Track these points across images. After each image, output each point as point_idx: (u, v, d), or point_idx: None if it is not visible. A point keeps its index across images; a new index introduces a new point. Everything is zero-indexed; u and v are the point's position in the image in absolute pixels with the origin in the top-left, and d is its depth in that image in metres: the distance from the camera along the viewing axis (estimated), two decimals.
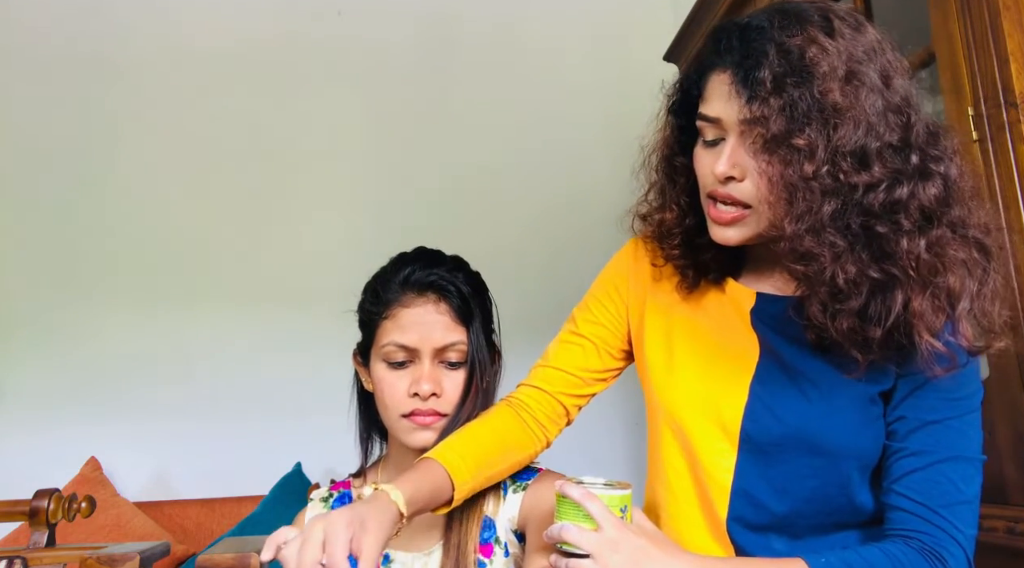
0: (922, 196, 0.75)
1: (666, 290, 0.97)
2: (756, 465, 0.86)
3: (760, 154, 0.77)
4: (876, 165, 0.74)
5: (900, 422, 0.83)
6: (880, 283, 0.76)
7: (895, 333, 0.77)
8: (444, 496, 0.87)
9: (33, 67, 2.70)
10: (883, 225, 0.74)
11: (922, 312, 0.75)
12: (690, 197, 0.90)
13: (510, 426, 0.97)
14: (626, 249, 1.04)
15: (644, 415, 1.01)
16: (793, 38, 0.75)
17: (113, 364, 2.54)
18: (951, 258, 0.76)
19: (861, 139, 0.73)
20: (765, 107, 0.75)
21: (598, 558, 0.74)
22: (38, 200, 2.64)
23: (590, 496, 0.77)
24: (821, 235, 0.74)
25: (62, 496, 1.27)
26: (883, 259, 0.75)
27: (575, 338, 1.02)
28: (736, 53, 0.78)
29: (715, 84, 0.81)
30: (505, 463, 0.95)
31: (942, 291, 0.76)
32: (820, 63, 0.74)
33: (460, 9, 2.84)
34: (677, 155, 0.91)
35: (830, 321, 0.78)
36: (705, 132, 0.83)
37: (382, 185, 2.74)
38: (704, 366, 0.91)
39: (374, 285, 1.05)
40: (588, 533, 0.76)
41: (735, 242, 0.84)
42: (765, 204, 0.78)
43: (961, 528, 0.79)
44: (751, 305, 0.90)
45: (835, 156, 0.73)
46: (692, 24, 2.10)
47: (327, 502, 1.08)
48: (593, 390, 1.04)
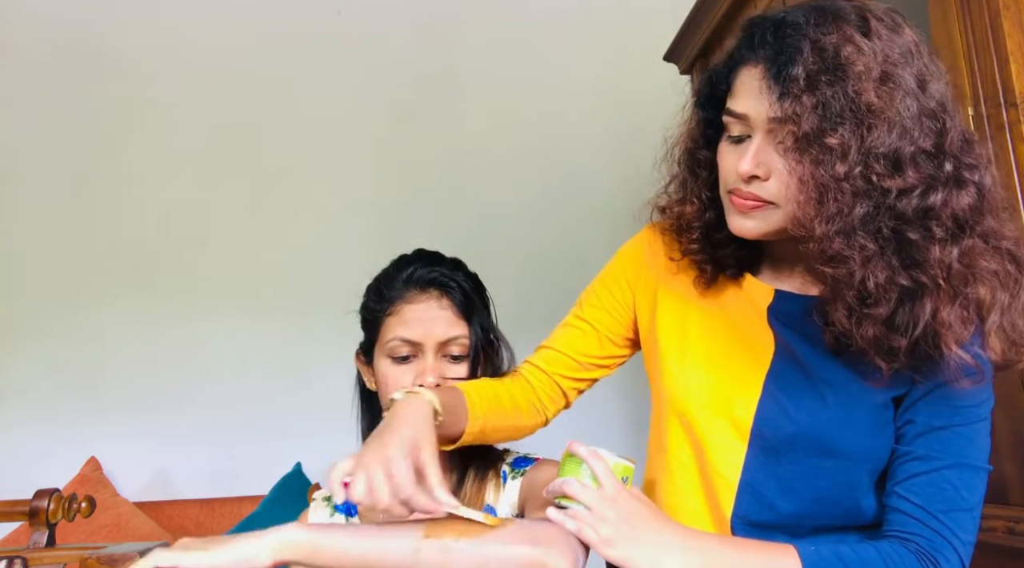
0: (955, 204, 0.74)
1: (683, 283, 0.96)
2: (765, 463, 0.86)
3: (790, 153, 0.75)
4: (910, 170, 0.72)
5: (909, 426, 0.82)
6: (909, 291, 0.74)
7: (921, 343, 0.76)
8: (460, 424, 0.88)
9: (33, 67, 2.70)
10: (915, 232, 0.73)
11: (950, 323, 0.74)
12: (711, 192, 0.89)
13: (517, 392, 0.99)
14: (641, 237, 1.03)
15: (642, 410, 1.01)
16: (828, 36, 0.74)
17: (113, 364, 2.55)
18: (982, 269, 0.75)
19: (895, 142, 0.72)
20: (797, 105, 0.73)
21: (595, 510, 0.76)
22: (38, 200, 2.64)
23: (596, 455, 0.80)
24: (851, 238, 0.73)
25: (62, 496, 1.27)
26: (913, 266, 0.74)
27: (578, 322, 1.03)
28: (770, 48, 0.77)
29: (745, 79, 0.80)
30: (511, 421, 0.97)
31: (971, 302, 0.75)
32: (855, 62, 0.72)
33: (460, 9, 2.84)
34: (701, 149, 0.90)
35: (855, 327, 0.77)
36: (731, 128, 0.82)
37: (382, 184, 2.74)
38: (717, 360, 0.91)
39: (377, 285, 1.07)
40: (589, 488, 0.78)
41: (753, 235, 0.83)
42: (793, 203, 0.77)
43: (959, 535, 0.78)
44: (768, 302, 0.89)
45: (868, 158, 0.72)
46: (692, 24, 2.10)
47: (329, 502, 1.08)
48: (592, 375, 1.04)
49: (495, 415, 0.93)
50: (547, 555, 0.74)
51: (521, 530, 0.77)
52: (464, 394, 0.91)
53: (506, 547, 0.74)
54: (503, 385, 0.98)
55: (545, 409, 1.02)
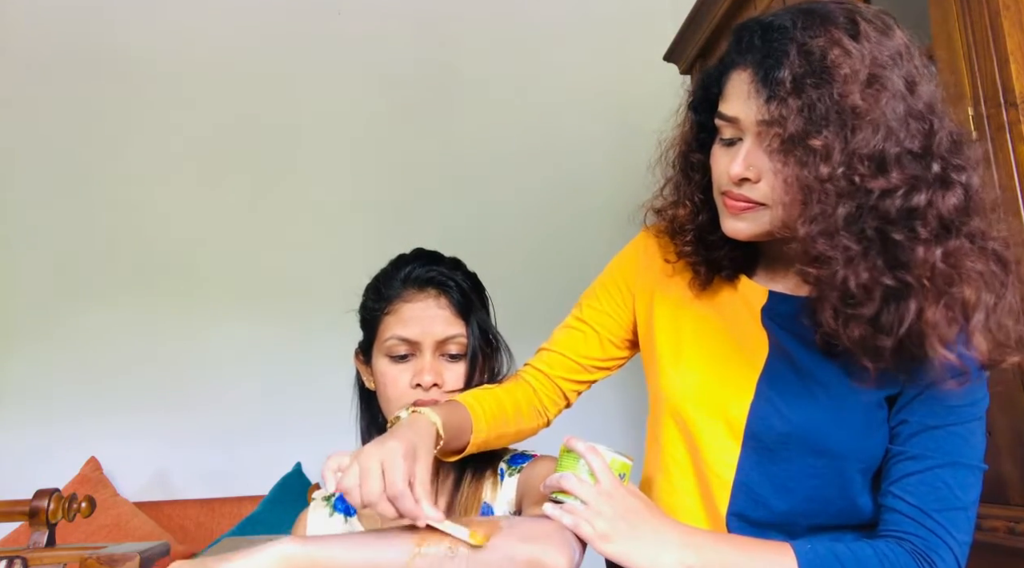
0: (940, 205, 0.74)
1: (678, 285, 0.97)
2: (759, 462, 0.87)
3: (776, 154, 0.76)
4: (894, 171, 0.73)
5: (903, 425, 0.83)
6: (894, 291, 0.75)
7: (907, 343, 0.76)
8: (464, 438, 0.89)
9: (33, 67, 2.71)
10: (899, 232, 0.74)
11: (935, 323, 0.74)
12: (704, 194, 0.90)
13: (520, 396, 1.00)
14: (636, 241, 1.05)
15: (641, 409, 1.01)
16: (816, 39, 0.75)
17: (113, 364, 2.55)
18: (968, 269, 0.75)
19: (880, 144, 0.72)
20: (783, 107, 0.74)
21: (592, 505, 0.77)
22: (38, 200, 2.64)
23: (594, 450, 0.81)
24: (834, 238, 0.74)
25: (62, 496, 1.27)
26: (897, 267, 0.74)
27: (578, 324, 1.04)
28: (757, 52, 0.78)
29: (735, 83, 0.81)
30: (515, 426, 0.97)
31: (957, 302, 0.75)
32: (842, 65, 0.73)
33: (460, 9, 2.84)
34: (694, 152, 0.91)
35: (842, 328, 0.78)
36: (723, 130, 0.83)
37: (381, 184, 2.74)
38: (712, 361, 0.91)
39: (375, 284, 1.08)
40: (586, 483, 0.79)
41: (745, 236, 0.84)
42: (780, 205, 0.78)
43: (954, 534, 0.78)
44: (763, 303, 0.90)
45: (852, 159, 0.72)
46: (692, 24, 2.10)
47: (329, 501, 1.08)
48: (593, 377, 1.05)
49: (498, 423, 0.93)
50: (544, 552, 0.74)
51: (515, 529, 0.77)
52: (467, 407, 0.90)
53: (502, 552, 0.74)
54: (505, 391, 0.99)
55: (547, 411, 1.03)
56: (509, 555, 0.74)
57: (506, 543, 0.75)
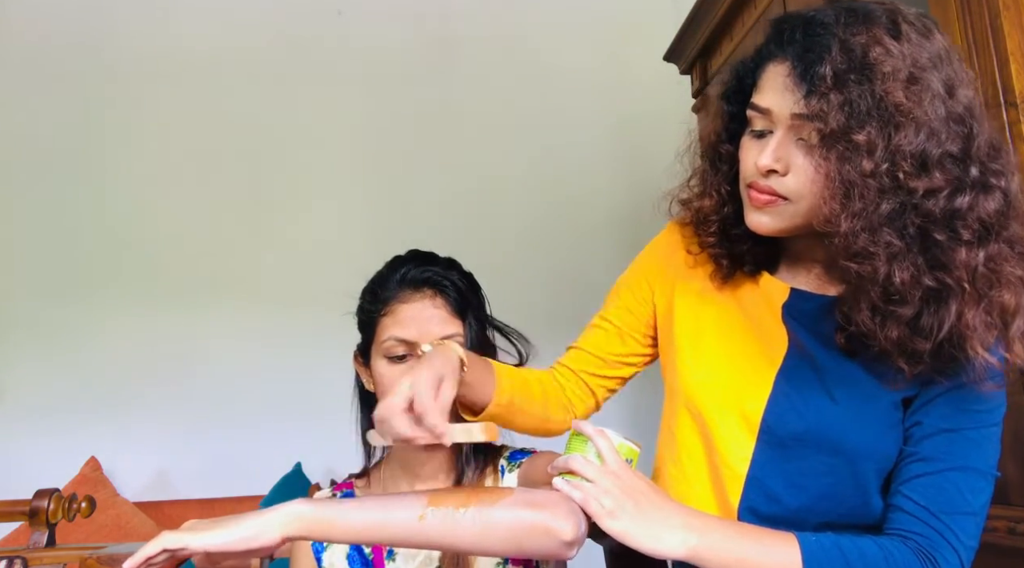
0: (982, 208, 0.74)
1: (700, 277, 0.97)
2: (773, 457, 0.87)
3: (815, 149, 0.76)
4: (936, 171, 0.73)
5: (916, 427, 0.82)
6: (934, 292, 0.74)
7: (946, 345, 0.76)
8: (487, 390, 0.91)
9: (33, 68, 2.71)
10: (941, 232, 0.73)
11: (975, 326, 0.74)
12: (731, 186, 0.90)
13: (547, 385, 1.02)
14: (663, 233, 1.05)
15: (655, 402, 1.01)
16: (857, 36, 0.75)
17: (113, 364, 2.55)
18: (1008, 274, 0.75)
19: (922, 143, 0.72)
20: (824, 102, 0.74)
21: (598, 484, 0.77)
22: (38, 200, 2.64)
23: (602, 433, 0.82)
24: (877, 233, 0.73)
25: (62, 496, 1.27)
26: (938, 268, 0.74)
27: (602, 322, 1.05)
28: (798, 46, 0.77)
29: (771, 75, 0.80)
30: (539, 409, 0.98)
31: (995, 307, 0.75)
32: (883, 63, 0.73)
33: (460, 9, 2.84)
34: (724, 142, 0.90)
35: (879, 328, 0.77)
36: (754, 122, 0.83)
37: (382, 186, 2.74)
38: (730, 355, 0.91)
39: (372, 286, 1.08)
40: (593, 463, 0.79)
41: (767, 231, 0.84)
42: (818, 200, 0.77)
43: (960, 537, 0.78)
44: (784, 299, 0.90)
45: (895, 156, 0.72)
46: (692, 24, 2.10)
47: None
48: (619, 373, 1.05)
49: (522, 396, 0.95)
50: (552, 519, 0.75)
51: (526, 496, 0.79)
52: (493, 367, 0.93)
53: (510, 512, 0.76)
54: (533, 374, 1.01)
55: (574, 407, 1.03)
56: (518, 516, 0.76)
57: (515, 506, 0.77)
